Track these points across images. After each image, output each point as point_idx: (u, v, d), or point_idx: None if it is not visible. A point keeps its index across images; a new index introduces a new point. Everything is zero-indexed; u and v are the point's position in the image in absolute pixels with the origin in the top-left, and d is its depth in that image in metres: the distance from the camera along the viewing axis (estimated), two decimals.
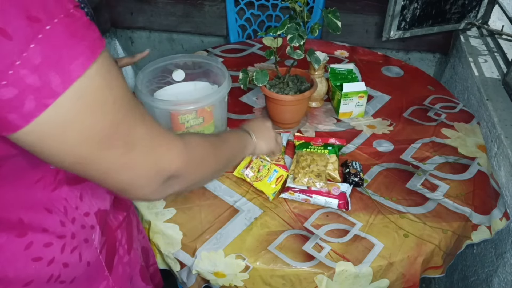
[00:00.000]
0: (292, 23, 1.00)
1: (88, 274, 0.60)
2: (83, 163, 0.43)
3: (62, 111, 0.38)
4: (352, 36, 1.86)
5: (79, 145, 0.41)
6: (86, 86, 0.38)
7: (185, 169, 0.52)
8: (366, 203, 0.96)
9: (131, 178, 0.47)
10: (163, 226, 0.91)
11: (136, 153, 0.45)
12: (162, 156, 0.48)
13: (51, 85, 0.36)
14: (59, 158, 0.41)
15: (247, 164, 1.01)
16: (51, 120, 0.38)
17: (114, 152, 0.43)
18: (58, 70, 0.36)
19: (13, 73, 0.35)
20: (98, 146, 0.42)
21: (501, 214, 1.00)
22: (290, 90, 1.13)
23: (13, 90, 0.35)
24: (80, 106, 0.38)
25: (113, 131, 0.42)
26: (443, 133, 1.18)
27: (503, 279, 1.06)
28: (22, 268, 0.52)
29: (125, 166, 0.45)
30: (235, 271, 0.84)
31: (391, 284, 0.86)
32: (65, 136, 0.39)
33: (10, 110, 0.36)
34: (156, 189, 0.49)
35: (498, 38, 1.57)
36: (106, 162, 0.44)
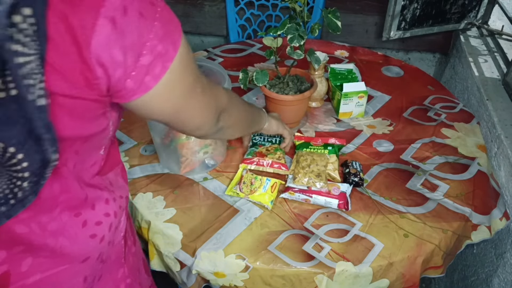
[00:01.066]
0: (292, 23, 1.00)
1: (113, 258, 0.64)
2: (179, 110, 0.56)
3: (173, 71, 0.49)
4: (352, 36, 1.86)
5: (180, 96, 0.54)
6: (182, 52, 0.50)
7: (229, 104, 0.69)
8: (366, 203, 0.96)
9: (204, 115, 0.62)
10: (163, 226, 0.91)
11: (206, 95, 0.60)
12: (217, 94, 0.65)
13: (169, 51, 0.48)
14: (165, 110, 0.54)
15: (238, 181, 1.00)
16: (167, 80, 0.49)
17: (197, 98, 0.58)
18: (171, 40, 0.48)
19: (149, 44, 0.45)
20: (190, 94, 0.56)
21: (501, 214, 1.00)
22: (290, 90, 1.13)
23: (150, 57, 0.46)
24: (182, 66, 0.51)
25: (196, 81, 0.56)
26: (443, 133, 1.18)
27: (503, 279, 1.06)
28: (83, 244, 0.56)
29: (202, 107, 0.60)
30: (235, 271, 0.84)
31: (391, 284, 0.86)
32: (174, 90, 0.52)
33: (147, 73, 0.47)
34: (215, 122, 0.66)
35: (498, 38, 1.57)
36: (192, 107, 0.58)
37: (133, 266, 0.72)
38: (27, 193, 0.45)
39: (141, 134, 1.16)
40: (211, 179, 1.03)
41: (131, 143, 1.14)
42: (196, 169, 1.04)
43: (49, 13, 0.38)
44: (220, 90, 0.67)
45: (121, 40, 0.43)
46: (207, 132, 0.67)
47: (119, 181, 0.65)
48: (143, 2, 0.45)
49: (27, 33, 0.37)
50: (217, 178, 1.03)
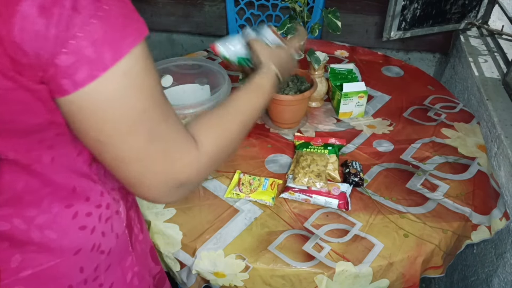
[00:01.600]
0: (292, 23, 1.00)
1: (119, 248, 0.64)
2: (106, 142, 0.45)
3: (107, 85, 0.41)
4: (352, 36, 1.86)
5: (110, 123, 0.43)
6: (131, 66, 0.42)
7: (196, 178, 0.52)
8: (366, 203, 0.96)
9: (142, 173, 0.48)
10: (163, 226, 0.91)
11: (153, 148, 0.47)
12: (174, 162, 0.49)
13: (104, 59, 0.40)
14: (88, 131, 0.44)
15: (236, 184, 1.00)
16: (96, 92, 0.41)
17: (135, 140, 0.45)
18: (111, 45, 0.40)
19: (74, 43, 0.39)
20: (126, 129, 0.44)
21: (501, 214, 1.00)
22: (290, 90, 1.13)
23: (71, 58, 0.39)
24: (123, 84, 0.42)
25: (143, 117, 0.45)
26: (443, 133, 1.18)
27: (503, 279, 1.06)
28: (72, 236, 0.55)
29: (140, 158, 0.47)
30: (235, 271, 0.84)
31: (391, 284, 0.86)
32: (102, 111, 0.42)
33: (65, 76, 0.40)
34: (166, 194, 0.51)
35: (498, 38, 1.57)
36: (125, 149, 0.45)
37: (141, 254, 0.72)
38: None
39: None
40: (211, 179, 1.03)
41: None
42: None
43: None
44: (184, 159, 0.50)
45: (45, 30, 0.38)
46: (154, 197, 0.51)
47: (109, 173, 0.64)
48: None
49: None
50: (217, 178, 1.03)
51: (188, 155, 0.50)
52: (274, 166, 1.07)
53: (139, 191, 0.50)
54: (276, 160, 1.09)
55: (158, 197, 0.51)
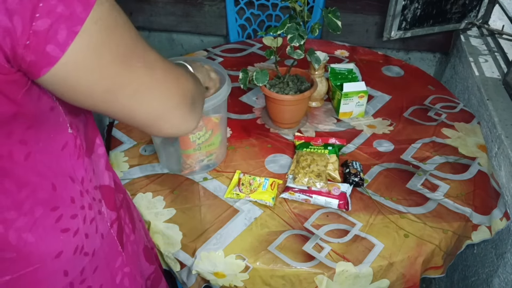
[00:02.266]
0: (292, 23, 1.00)
1: (104, 249, 0.63)
2: (113, 89, 0.45)
3: (88, 37, 0.40)
4: (352, 35, 1.86)
5: (107, 68, 0.43)
6: (101, 11, 0.41)
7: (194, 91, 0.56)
8: (366, 203, 0.96)
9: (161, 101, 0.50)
10: (163, 226, 0.90)
11: (158, 74, 0.49)
12: (180, 77, 0.52)
13: (76, 13, 0.39)
14: (90, 90, 0.44)
15: (236, 184, 1.00)
16: (81, 46, 0.40)
17: (137, 71, 0.46)
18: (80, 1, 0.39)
19: (43, 5, 0.37)
20: (123, 66, 0.45)
21: (501, 214, 1.00)
22: (290, 90, 1.13)
23: (47, 21, 0.38)
24: (100, 29, 0.41)
25: (132, 49, 0.45)
26: (443, 133, 1.18)
27: (504, 279, 1.06)
28: (52, 240, 0.54)
29: (152, 86, 0.48)
30: (235, 271, 0.84)
31: (392, 284, 0.86)
32: (94, 61, 0.42)
33: (48, 41, 0.39)
34: (187, 113, 0.53)
35: (499, 37, 1.57)
36: (134, 83, 0.46)
37: (132, 254, 0.71)
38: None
39: (140, 134, 1.16)
40: (211, 179, 1.02)
41: (130, 143, 1.14)
42: (196, 170, 1.04)
43: None
44: (184, 71, 0.55)
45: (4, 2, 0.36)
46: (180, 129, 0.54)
47: (99, 167, 0.62)
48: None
49: None
50: (217, 178, 1.03)
51: (184, 73, 0.54)
52: (274, 166, 1.07)
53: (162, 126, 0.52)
54: (276, 160, 1.09)
55: (185, 121, 0.53)
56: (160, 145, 1.03)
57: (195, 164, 1.02)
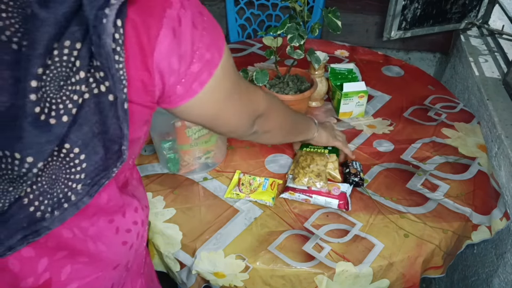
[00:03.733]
0: (292, 23, 1.00)
1: (135, 267, 0.64)
2: (217, 115, 0.58)
3: (216, 78, 0.51)
4: (352, 35, 1.86)
5: (219, 101, 0.56)
6: (225, 58, 0.52)
7: (267, 109, 0.71)
8: (366, 203, 0.96)
9: (239, 119, 0.65)
10: (163, 226, 0.90)
11: (243, 100, 0.62)
12: (254, 100, 0.67)
13: (214, 59, 0.50)
14: (205, 114, 0.56)
15: (236, 184, 0.99)
16: (211, 85, 0.51)
17: (233, 102, 0.60)
18: (216, 47, 0.50)
19: (198, 53, 0.48)
20: (228, 99, 0.58)
21: (501, 214, 1.00)
22: (290, 89, 1.13)
23: (199, 65, 0.48)
24: (223, 72, 0.52)
25: (234, 86, 0.58)
26: (443, 133, 1.18)
27: (504, 279, 1.06)
28: (117, 251, 0.56)
29: (237, 111, 0.62)
30: (235, 271, 0.84)
31: (392, 284, 0.86)
32: (214, 96, 0.54)
33: (195, 79, 0.49)
34: (249, 127, 0.68)
35: (499, 37, 1.57)
36: (229, 111, 0.60)
37: (148, 276, 0.72)
38: (80, 196, 0.45)
39: None
40: (211, 179, 1.02)
41: None
42: (196, 169, 1.04)
43: (126, 23, 0.41)
44: (258, 95, 0.68)
45: (178, 49, 0.45)
46: (241, 135, 0.71)
47: (140, 191, 0.65)
48: (194, 12, 0.47)
49: (119, 42, 0.40)
50: (217, 178, 1.03)
51: (259, 93, 0.68)
52: (274, 166, 1.07)
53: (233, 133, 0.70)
54: (276, 160, 1.09)
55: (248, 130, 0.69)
56: (160, 145, 1.03)
57: (193, 161, 1.02)
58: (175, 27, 0.44)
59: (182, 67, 0.47)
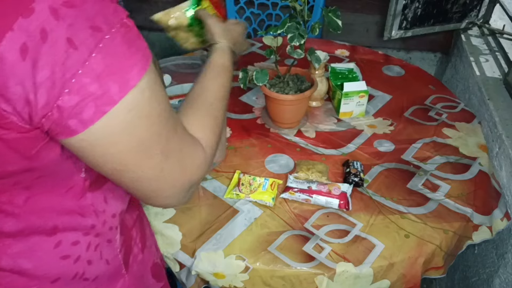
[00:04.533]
0: (293, 22, 1.00)
1: (109, 273, 0.61)
2: (123, 170, 0.44)
3: (116, 120, 0.39)
4: (353, 35, 1.85)
5: (124, 153, 0.42)
6: (138, 97, 0.40)
7: (204, 174, 0.55)
8: (366, 203, 0.96)
9: (160, 187, 0.48)
10: (163, 226, 0.90)
11: (169, 164, 0.47)
12: (187, 168, 0.50)
13: (110, 93, 0.38)
14: (102, 163, 0.43)
15: (236, 184, 0.99)
16: (105, 127, 0.39)
17: (151, 162, 0.45)
18: (116, 78, 0.38)
19: (76, 81, 0.36)
20: (140, 155, 0.43)
21: (502, 214, 0.99)
22: (290, 89, 1.13)
23: (75, 98, 0.37)
24: (132, 116, 0.40)
25: (155, 141, 0.44)
26: (444, 133, 1.18)
27: (504, 279, 1.06)
28: (51, 266, 0.52)
29: (158, 176, 0.47)
30: (235, 271, 0.84)
31: (392, 284, 0.85)
32: (114, 144, 0.41)
33: (71, 116, 0.37)
34: (181, 198, 0.52)
35: (499, 37, 1.56)
36: (143, 171, 0.45)
37: (137, 274, 0.70)
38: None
39: None
40: (211, 179, 1.02)
41: None
42: None
43: None
44: (196, 160, 0.51)
45: (31, 74, 0.35)
46: (170, 203, 0.53)
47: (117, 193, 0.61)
48: (77, 26, 0.35)
49: None
50: (217, 178, 1.02)
51: (198, 157, 0.52)
52: (274, 166, 1.06)
53: (157, 202, 0.51)
54: (276, 160, 1.08)
55: (174, 202, 0.52)
56: None
57: None
58: (27, 44, 0.34)
59: (40, 98, 0.36)
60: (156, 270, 0.78)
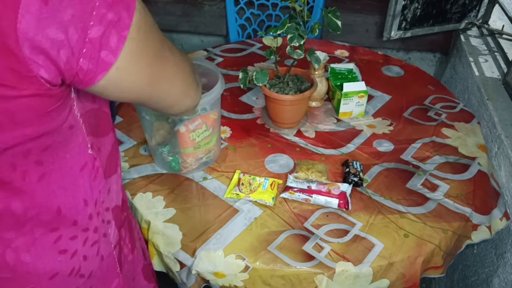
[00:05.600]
0: (292, 23, 1.00)
1: (102, 270, 0.62)
2: (154, 81, 0.51)
3: (134, 41, 0.44)
4: (352, 35, 1.86)
5: (150, 66, 0.49)
6: (139, 17, 0.44)
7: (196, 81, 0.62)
8: (366, 203, 0.96)
9: (184, 79, 0.57)
10: (163, 226, 0.90)
11: (177, 57, 0.55)
12: (187, 58, 0.59)
13: (123, 19, 0.42)
14: (137, 86, 0.49)
15: (236, 184, 0.99)
16: (130, 50, 0.44)
17: (167, 61, 0.52)
18: (123, 4, 0.42)
19: (96, 14, 0.39)
20: (160, 60, 0.50)
21: (501, 214, 1.00)
22: (290, 89, 1.13)
23: (100, 28, 0.40)
24: (142, 32, 0.45)
25: (162, 43, 0.51)
26: (443, 133, 1.18)
27: (504, 279, 1.06)
28: (50, 261, 0.53)
29: (178, 69, 0.55)
30: (235, 271, 0.84)
31: (391, 284, 0.86)
32: (141, 62, 0.47)
33: (102, 47, 0.41)
34: (197, 87, 0.61)
35: (499, 37, 1.57)
36: (168, 70, 0.53)
37: (127, 274, 0.70)
38: None
39: (140, 134, 1.16)
40: (211, 179, 1.02)
41: (130, 143, 1.14)
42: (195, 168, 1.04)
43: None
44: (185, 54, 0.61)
45: (57, 16, 0.36)
46: (195, 101, 0.62)
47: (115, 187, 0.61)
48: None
49: None
50: (217, 178, 1.03)
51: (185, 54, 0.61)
52: (274, 166, 1.07)
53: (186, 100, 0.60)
54: (276, 160, 1.09)
55: (196, 95, 0.61)
56: (155, 146, 1.02)
57: (195, 162, 1.02)
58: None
59: (73, 36, 0.38)
60: (146, 271, 0.78)
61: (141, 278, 0.77)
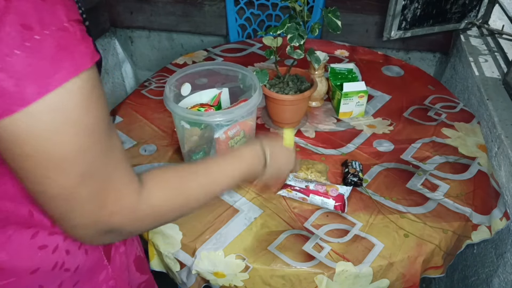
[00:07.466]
0: (292, 23, 1.00)
1: (89, 264, 0.61)
2: (26, 176, 0.41)
3: (30, 120, 0.37)
4: (352, 35, 1.86)
5: (32, 158, 0.39)
6: (62, 100, 0.38)
7: (130, 226, 0.48)
8: (366, 203, 0.96)
9: (67, 212, 0.43)
10: (163, 226, 0.90)
11: (84, 189, 0.42)
12: (106, 205, 0.44)
13: (24, 93, 0.36)
14: (9, 161, 0.40)
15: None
16: (14, 126, 0.37)
17: (65, 179, 0.41)
18: (36, 79, 0.36)
19: None
20: (54, 167, 0.40)
21: (501, 214, 1.00)
22: (290, 89, 1.13)
23: None
24: (51, 120, 0.37)
25: (75, 156, 0.40)
26: (443, 133, 1.18)
27: (504, 279, 1.06)
28: (29, 256, 0.52)
29: (66, 198, 0.42)
30: (235, 271, 0.84)
31: (391, 284, 0.86)
32: (20, 145, 0.38)
33: None
34: (94, 236, 0.46)
35: (499, 37, 1.57)
36: (49, 186, 0.41)
37: (120, 266, 0.69)
38: None
39: (140, 134, 1.16)
40: None
41: (130, 143, 1.14)
42: None
43: None
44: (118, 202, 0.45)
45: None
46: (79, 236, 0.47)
47: None
48: (6, 20, 0.34)
49: None
50: None
51: (125, 199, 0.45)
52: None
53: (64, 227, 0.46)
54: None
55: (84, 238, 0.48)
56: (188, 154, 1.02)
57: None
58: None
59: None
60: (139, 263, 0.78)
61: (133, 270, 0.77)
